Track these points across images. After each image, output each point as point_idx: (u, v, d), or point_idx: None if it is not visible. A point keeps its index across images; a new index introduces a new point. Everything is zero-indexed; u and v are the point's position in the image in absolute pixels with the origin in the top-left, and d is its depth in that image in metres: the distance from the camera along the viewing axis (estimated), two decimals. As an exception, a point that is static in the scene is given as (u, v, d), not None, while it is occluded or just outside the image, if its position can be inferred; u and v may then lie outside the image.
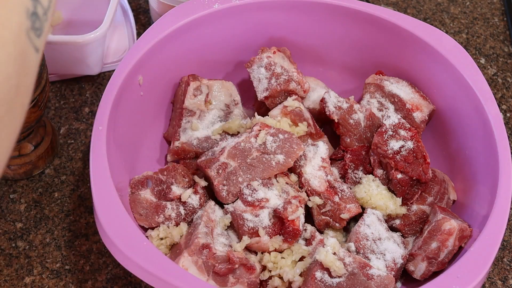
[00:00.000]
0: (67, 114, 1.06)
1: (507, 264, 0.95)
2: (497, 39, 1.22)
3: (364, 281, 0.79)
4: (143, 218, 0.86)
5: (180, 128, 0.95)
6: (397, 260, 0.84)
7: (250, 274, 0.82)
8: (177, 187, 0.89)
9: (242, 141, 0.88)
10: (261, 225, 0.84)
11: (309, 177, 0.89)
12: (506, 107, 1.12)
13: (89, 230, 0.94)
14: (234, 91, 0.99)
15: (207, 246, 0.81)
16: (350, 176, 0.93)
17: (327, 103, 0.95)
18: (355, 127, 0.95)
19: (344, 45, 1.04)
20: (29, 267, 0.90)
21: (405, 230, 0.90)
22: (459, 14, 1.25)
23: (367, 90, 0.99)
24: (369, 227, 0.86)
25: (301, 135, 0.93)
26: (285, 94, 0.95)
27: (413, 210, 0.90)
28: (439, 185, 0.92)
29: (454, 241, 0.82)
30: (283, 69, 0.95)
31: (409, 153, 0.89)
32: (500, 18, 1.25)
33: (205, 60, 1.01)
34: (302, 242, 0.87)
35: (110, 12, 1.03)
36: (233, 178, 0.87)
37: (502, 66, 1.18)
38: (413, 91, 0.97)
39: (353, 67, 1.05)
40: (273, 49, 0.97)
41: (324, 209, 0.88)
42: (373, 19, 0.99)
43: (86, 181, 0.99)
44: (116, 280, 0.89)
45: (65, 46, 1.00)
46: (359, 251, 0.84)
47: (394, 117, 0.93)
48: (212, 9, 0.97)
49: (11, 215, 0.95)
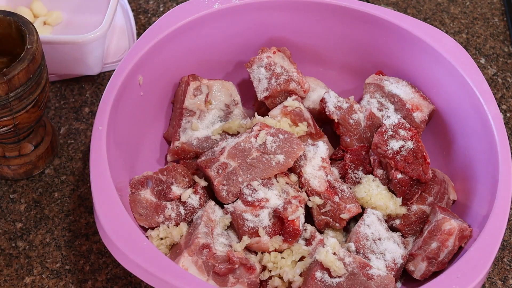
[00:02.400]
0: (67, 114, 1.06)
1: (507, 264, 0.95)
2: (497, 39, 1.22)
3: (364, 281, 0.79)
4: (143, 218, 0.86)
5: (180, 128, 0.95)
6: (397, 260, 0.84)
7: (250, 274, 0.82)
8: (177, 187, 0.88)
9: (242, 141, 0.88)
10: (261, 225, 0.84)
11: (309, 177, 0.89)
12: (506, 107, 1.12)
13: (89, 230, 0.94)
14: (234, 91, 0.99)
15: (207, 246, 0.81)
16: (350, 176, 0.93)
17: (327, 103, 0.95)
18: (355, 127, 0.95)
19: (344, 45, 1.04)
20: (29, 267, 0.90)
21: (405, 230, 0.90)
22: (459, 14, 1.25)
23: (367, 90, 0.99)
24: (369, 227, 0.85)
25: (301, 135, 0.93)
26: (285, 94, 0.95)
27: (413, 210, 0.90)
28: (439, 185, 0.92)
29: (454, 241, 0.82)
30: (283, 69, 0.95)
31: (409, 153, 0.89)
32: (500, 18, 1.25)
33: (205, 60, 1.01)
34: (302, 242, 0.87)
35: (110, 12, 1.03)
36: (233, 178, 0.87)
37: (502, 66, 1.18)
38: (413, 91, 0.97)
39: (353, 67, 1.05)
40: (273, 49, 0.97)
41: (324, 209, 0.88)
42: (373, 19, 0.99)
43: (86, 181, 0.99)
44: (116, 280, 0.89)
45: (65, 46, 1.01)
46: (359, 251, 0.84)
47: (394, 117, 0.93)
48: (212, 9, 0.97)
49: (11, 215, 0.95)
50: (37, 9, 1.13)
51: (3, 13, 0.87)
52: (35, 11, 1.13)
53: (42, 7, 1.14)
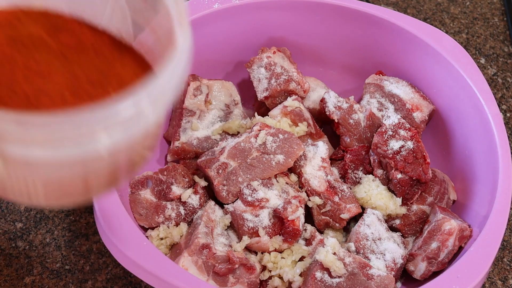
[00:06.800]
0: (67, 114, 1.06)
1: (507, 264, 0.95)
2: (497, 39, 1.22)
3: (364, 281, 0.79)
4: (143, 218, 0.86)
5: (180, 128, 0.95)
6: (397, 260, 0.84)
7: (250, 274, 0.82)
8: (177, 187, 0.89)
9: (242, 141, 0.88)
10: (261, 225, 0.84)
11: (309, 177, 0.89)
12: (506, 107, 1.12)
13: (89, 230, 0.94)
14: (234, 91, 0.99)
15: (207, 246, 0.81)
16: (350, 176, 0.93)
17: (327, 103, 0.95)
18: (355, 127, 0.95)
19: (344, 45, 1.04)
20: (29, 267, 0.90)
21: (405, 230, 0.90)
22: (459, 14, 1.25)
23: (367, 90, 0.99)
24: (369, 227, 0.86)
25: (301, 135, 0.93)
26: (285, 94, 0.95)
27: (413, 210, 0.90)
28: (439, 185, 0.92)
29: (454, 241, 0.82)
30: (283, 69, 0.95)
31: (409, 153, 0.89)
32: (500, 18, 1.25)
33: (205, 60, 1.01)
34: (302, 242, 0.87)
35: (110, 12, 1.03)
36: (233, 178, 0.87)
37: (502, 66, 1.18)
38: (413, 91, 0.98)
39: (353, 67, 1.05)
40: (273, 49, 0.97)
41: (324, 209, 0.88)
42: (373, 19, 0.99)
43: (86, 181, 0.99)
44: (116, 280, 0.90)
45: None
46: (359, 251, 0.84)
47: (394, 117, 0.93)
48: (212, 9, 0.97)
49: (11, 215, 0.95)
50: (37, 9, 1.13)
51: (3, 13, 0.87)
52: (35, 11, 1.13)
53: (42, 7, 1.14)
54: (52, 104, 0.46)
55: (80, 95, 0.48)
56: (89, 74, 0.50)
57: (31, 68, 0.49)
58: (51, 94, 0.47)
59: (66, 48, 0.52)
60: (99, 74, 0.51)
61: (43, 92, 0.47)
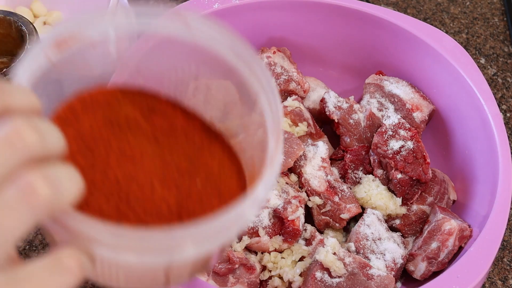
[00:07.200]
0: (67, 114, 1.06)
1: (507, 264, 0.95)
2: (497, 39, 1.22)
3: (364, 281, 0.79)
4: (143, 218, 0.86)
5: (180, 128, 0.95)
6: (397, 260, 0.84)
7: (250, 274, 0.82)
8: (177, 187, 0.88)
9: (242, 141, 0.88)
10: (261, 225, 0.84)
11: (309, 177, 0.89)
12: (506, 107, 1.12)
13: (89, 230, 0.94)
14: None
15: (207, 246, 0.81)
16: (350, 176, 0.93)
17: (327, 103, 0.95)
18: (355, 127, 0.95)
19: (344, 45, 1.04)
20: (29, 267, 0.90)
21: (405, 230, 0.90)
22: (459, 14, 1.25)
23: (367, 90, 0.99)
24: (369, 227, 0.85)
25: (301, 135, 0.93)
26: (285, 94, 0.95)
27: (413, 210, 0.90)
28: (439, 185, 0.92)
29: (454, 241, 0.82)
30: (283, 69, 0.95)
31: (409, 153, 0.89)
32: (500, 18, 1.25)
33: (205, 60, 1.01)
34: (302, 242, 0.87)
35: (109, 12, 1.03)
36: (233, 178, 0.86)
37: (502, 66, 1.18)
38: (413, 91, 0.97)
39: (353, 67, 1.05)
40: (273, 49, 0.97)
41: (324, 209, 0.88)
42: (373, 19, 0.99)
43: (86, 181, 0.99)
44: (116, 280, 0.89)
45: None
46: (359, 251, 0.84)
47: (394, 117, 0.93)
48: (212, 9, 0.97)
49: (11, 215, 0.95)
50: (37, 9, 1.13)
51: (3, 13, 0.87)
52: (35, 11, 1.13)
53: (42, 7, 1.14)
54: (141, 193, 0.46)
55: (168, 185, 0.48)
56: (178, 162, 0.49)
57: (125, 152, 0.48)
58: (141, 181, 0.47)
59: (159, 132, 0.51)
60: (188, 163, 0.50)
61: (133, 179, 0.46)
